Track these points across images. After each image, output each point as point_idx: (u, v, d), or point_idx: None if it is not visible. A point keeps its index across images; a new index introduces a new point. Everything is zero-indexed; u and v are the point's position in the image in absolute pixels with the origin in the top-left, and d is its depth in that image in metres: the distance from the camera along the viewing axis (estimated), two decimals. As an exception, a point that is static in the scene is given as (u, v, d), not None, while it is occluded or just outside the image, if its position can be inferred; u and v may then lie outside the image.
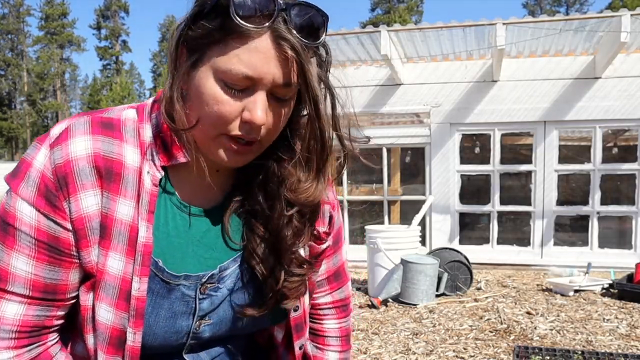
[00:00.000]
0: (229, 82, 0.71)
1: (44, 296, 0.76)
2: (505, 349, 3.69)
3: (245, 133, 0.74)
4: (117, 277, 0.76)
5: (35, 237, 0.73)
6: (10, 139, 40.27)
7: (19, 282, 0.74)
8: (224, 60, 0.70)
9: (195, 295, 0.83)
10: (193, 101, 0.74)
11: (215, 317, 0.86)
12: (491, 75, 6.64)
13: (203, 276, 0.83)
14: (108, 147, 0.75)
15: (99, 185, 0.74)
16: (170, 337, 0.82)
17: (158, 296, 0.80)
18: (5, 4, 41.64)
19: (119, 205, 0.75)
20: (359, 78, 7.08)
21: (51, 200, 0.73)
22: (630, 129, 6.74)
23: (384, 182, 7.28)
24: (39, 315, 0.77)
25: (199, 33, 0.72)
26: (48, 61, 41.69)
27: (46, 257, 0.74)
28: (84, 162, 0.73)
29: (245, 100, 0.72)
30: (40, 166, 0.73)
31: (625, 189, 7.33)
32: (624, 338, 3.91)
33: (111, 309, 0.77)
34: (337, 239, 1.00)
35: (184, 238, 0.82)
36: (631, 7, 18.20)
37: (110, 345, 0.78)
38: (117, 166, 0.75)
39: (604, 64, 6.10)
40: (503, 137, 6.99)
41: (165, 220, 0.81)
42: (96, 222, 0.75)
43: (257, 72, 0.70)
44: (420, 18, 37.14)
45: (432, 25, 5.96)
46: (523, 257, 6.75)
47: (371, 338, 4.03)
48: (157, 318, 0.80)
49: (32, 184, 0.73)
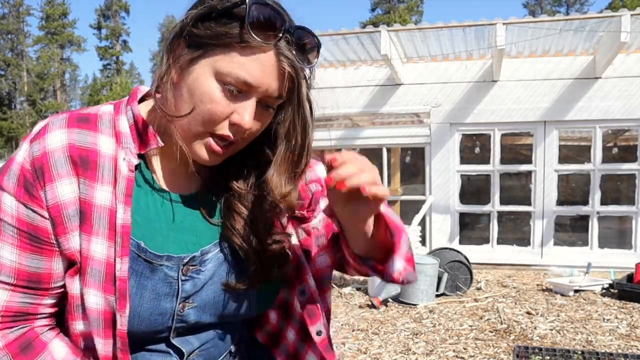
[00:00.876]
0: (227, 85, 0.76)
1: (28, 284, 0.80)
2: (505, 349, 3.69)
3: (232, 134, 0.80)
4: (102, 262, 0.79)
5: (16, 226, 0.78)
6: (10, 139, 40.28)
7: (5, 271, 0.79)
8: (227, 63, 0.75)
9: (178, 277, 0.85)
10: (184, 95, 0.79)
11: (199, 299, 0.87)
12: (491, 75, 6.64)
13: (184, 257, 0.85)
14: (82, 138, 0.80)
15: (74, 173, 0.79)
16: (155, 320, 0.83)
17: (142, 277, 0.82)
18: (5, 4, 41.63)
19: (96, 191, 0.79)
20: (359, 78, 7.09)
21: (29, 189, 0.78)
22: (630, 129, 6.74)
23: (384, 182, 7.27)
24: (23, 302, 0.81)
25: (206, 33, 0.76)
26: (48, 61, 41.68)
27: (28, 245, 0.79)
28: (59, 153, 0.78)
29: (237, 104, 0.78)
30: (21, 159, 0.79)
31: (625, 189, 7.34)
32: (624, 338, 3.91)
33: (99, 292, 0.79)
34: None
35: (164, 222, 0.86)
36: (631, 7, 18.20)
37: (106, 328, 0.80)
38: (93, 155, 0.80)
39: (604, 64, 6.10)
40: (503, 137, 7.00)
41: (146, 205, 0.85)
42: (73, 210, 0.78)
43: (256, 80, 0.76)
44: (420, 18, 37.12)
45: (432, 25, 5.96)
46: (523, 257, 6.75)
47: (371, 338, 4.03)
48: (142, 300, 0.82)
49: (13, 176, 0.79)
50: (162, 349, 0.88)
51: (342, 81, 7.09)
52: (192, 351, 0.90)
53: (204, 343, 0.91)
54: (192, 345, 0.90)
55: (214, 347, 0.93)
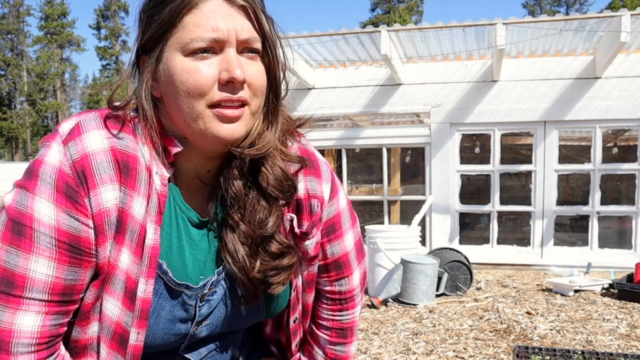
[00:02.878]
0: (197, 51, 0.73)
1: (61, 299, 0.74)
2: (505, 349, 3.69)
3: (230, 93, 0.75)
4: (124, 273, 0.76)
5: (55, 237, 0.71)
6: (10, 139, 40.24)
7: (38, 287, 0.71)
8: (186, 33, 0.74)
9: (196, 304, 0.84)
10: (166, 89, 0.76)
11: (212, 318, 0.87)
12: (491, 75, 6.64)
13: (204, 286, 0.84)
14: (123, 142, 0.75)
15: (117, 179, 0.73)
16: (169, 339, 0.83)
17: (161, 298, 0.80)
18: (5, 3, 41.62)
19: (134, 202, 0.75)
20: (359, 78, 7.09)
21: (72, 196, 0.71)
22: (630, 129, 6.73)
23: (384, 182, 7.28)
24: (55, 325, 0.74)
25: (153, 30, 0.75)
26: (48, 61, 41.66)
27: (67, 257, 0.72)
28: (101, 156, 0.73)
29: (218, 65, 0.74)
30: (56, 162, 0.71)
31: (625, 189, 7.34)
32: (624, 338, 3.91)
33: (118, 303, 0.76)
34: (332, 228, 0.98)
35: (185, 241, 0.83)
36: (631, 7, 18.21)
37: (113, 340, 0.77)
38: (133, 161, 0.75)
39: (604, 64, 6.10)
40: (503, 137, 6.99)
41: (169, 221, 0.81)
42: (114, 217, 0.74)
43: (219, 29, 0.73)
44: (420, 18, 37.12)
45: (432, 25, 5.95)
46: (523, 257, 6.75)
47: (371, 338, 4.03)
48: (158, 319, 0.80)
49: (50, 181, 0.71)
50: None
51: (342, 81, 7.08)
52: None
53: (210, 351, 0.92)
54: (199, 354, 0.90)
55: (218, 354, 0.93)
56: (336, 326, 1.02)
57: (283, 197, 0.85)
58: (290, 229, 0.90)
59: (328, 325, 1.02)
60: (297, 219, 0.90)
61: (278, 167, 0.84)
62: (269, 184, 0.83)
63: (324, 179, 0.93)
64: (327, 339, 1.03)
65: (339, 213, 0.98)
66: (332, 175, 0.96)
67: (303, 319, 1.00)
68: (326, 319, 1.03)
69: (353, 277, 1.01)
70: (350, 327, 1.04)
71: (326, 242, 0.97)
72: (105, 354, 0.78)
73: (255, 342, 1.04)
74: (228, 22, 0.74)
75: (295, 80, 6.88)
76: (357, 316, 1.05)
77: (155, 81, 0.78)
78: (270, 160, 0.83)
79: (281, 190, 0.84)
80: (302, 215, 0.90)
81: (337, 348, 1.03)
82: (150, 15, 0.76)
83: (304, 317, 1.00)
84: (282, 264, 0.85)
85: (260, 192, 0.84)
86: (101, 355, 0.79)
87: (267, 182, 0.83)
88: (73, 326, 0.80)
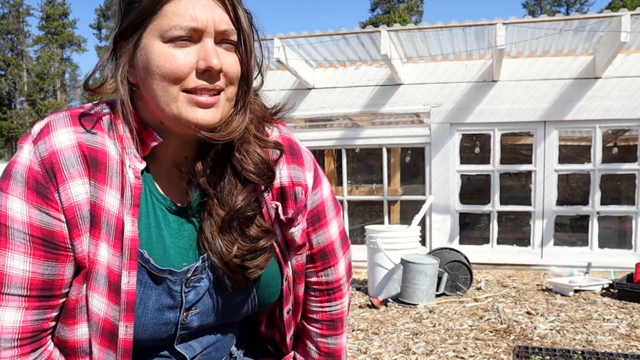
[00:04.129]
0: (175, 39, 0.75)
1: (41, 294, 0.76)
2: (505, 349, 3.69)
3: (207, 81, 0.77)
4: (105, 268, 0.77)
5: (29, 233, 0.73)
6: (10, 139, 40.24)
7: (16, 283, 0.74)
8: (165, 20, 0.75)
9: (181, 290, 0.84)
10: (144, 78, 0.78)
11: (202, 306, 0.87)
12: (491, 75, 6.64)
13: (187, 271, 0.84)
14: (91, 137, 0.77)
15: (86, 174, 0.76)
16: (159, 329, 0.83)
17: (146, 287, 0.81)
18: (5, 3, 41.61)
19: (106, 195, 0.77)
20: (359, 78, 7.09)
21: (42, 192, 0.74)
22: (630, 129, 6.74)
23: (384, 182, 7.28)
24: (37, 320, 0.76)
25: (132, 17, 0.76)
26: (48, 61, 41.66)
27: (42, 252, 0.75)
28: (69, 152, 0.75)
29: (196, 54, 0.76)
30: (26, 161, 0.74)
31: (625, 189, 7.35)
32: (624, 338, 3.91)
33: (103, 299, 0.77)
34: (316, 217, 0.99)
35: (164, 229, 0.84)
36: (631, 7, 18.20)
37: (102, 337, 0.78)
38: (102, 155, 0.77)
39: (604, 64, 6.10)
40: (503, 137, 6.99)
41: (146, 211, 0.83)
42: (86, 211, 0.76)
43: (198, 20, 0.75)
44: (420, 18, 37.11)
45: (432, 25, 5.96)
46: (523, 257, 6.75)
47: (371, 338, 4.03)
48: (146, 309, 0.81)
49: (20, 179, 0.74)
50: (165, 355, 0.88)
51: (342, 81, 7.08)
52: (194, 356, 0.90)
53: (205, 347, 0.91)
54: (194, 351, 0.90)
55: (215, 351, 0.93)
56: (326, 318, 1.04)
57: (261, 182, 0.87)
58: (276, 216, 0.91)
59: (318, 317, 1.04)
60: (282, 206, 0.91)
61: (254, 152, 0.85)
62: (243, 168, 0.85)
63: (307, 168, 0.95)
64: (318, 332, 1.04)
65: (323, 202, 0.99)
66: (315, 165, 0.98)
67: (295, 312, 1.02)
68: (315, 311, 1.04)
69: (339, 266, 1.04)
70: (340, 318, 1.06)
71: (311, 232, 0.99)
72: (97, 351, 0.79)
73: (253, 342, 1.04)
74: (207, 12, 0.76)
75: (295, 80, 6.88)
76: (345, 307, 1.07)
77: (132, 67, 0.79)
78: (245, 146, 0.85)
79: (258, 174, 0.86)
80: (287, 203, 0.92)
81: (329, 340, 1.05)
82: (130, 3, 0.78)
83: (296, 309, 1.02)
84: (258, 246, 0.86)
85: (237, 177, 0.86)
86: (93, 354, 0.79)
87: (241, 166, 0.85)
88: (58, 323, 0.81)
